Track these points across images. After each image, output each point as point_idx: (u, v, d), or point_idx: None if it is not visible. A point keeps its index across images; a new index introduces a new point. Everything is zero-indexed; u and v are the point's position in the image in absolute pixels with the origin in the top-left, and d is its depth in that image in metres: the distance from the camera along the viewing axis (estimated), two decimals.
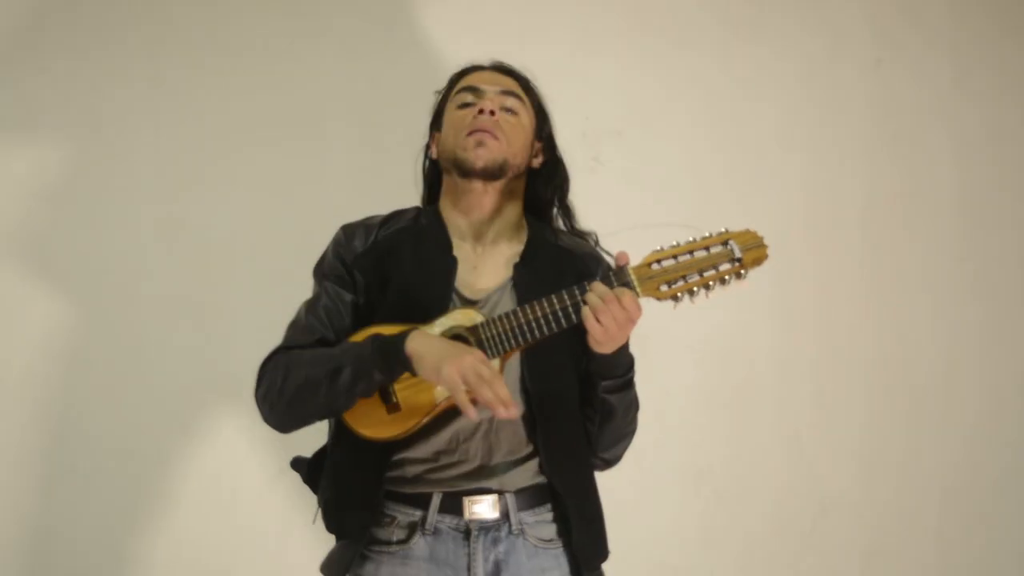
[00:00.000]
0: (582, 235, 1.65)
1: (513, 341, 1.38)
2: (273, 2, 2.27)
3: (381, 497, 1.47)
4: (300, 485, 2.25)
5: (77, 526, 2.20)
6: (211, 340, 2.24)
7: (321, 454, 1.58)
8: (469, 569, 1.44)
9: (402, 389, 1.41)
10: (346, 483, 1.49)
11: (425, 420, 1.42)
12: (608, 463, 1.60)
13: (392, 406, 1.41)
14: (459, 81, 1.60)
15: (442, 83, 1.63)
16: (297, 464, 1.60)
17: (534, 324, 1.38)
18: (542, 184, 1.62)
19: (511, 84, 1.57)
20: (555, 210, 1.65)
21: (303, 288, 1.57)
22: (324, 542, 2.30)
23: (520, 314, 1.38)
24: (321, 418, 1.49)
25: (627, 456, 1.58)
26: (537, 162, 1.60)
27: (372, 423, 1.42)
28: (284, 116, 2.26)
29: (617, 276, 1.37)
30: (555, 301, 1.38)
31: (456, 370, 1.31)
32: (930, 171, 2.56)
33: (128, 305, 2.22)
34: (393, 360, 1.36)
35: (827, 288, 2.51)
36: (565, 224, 1.65)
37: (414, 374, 1.37)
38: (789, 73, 2.49)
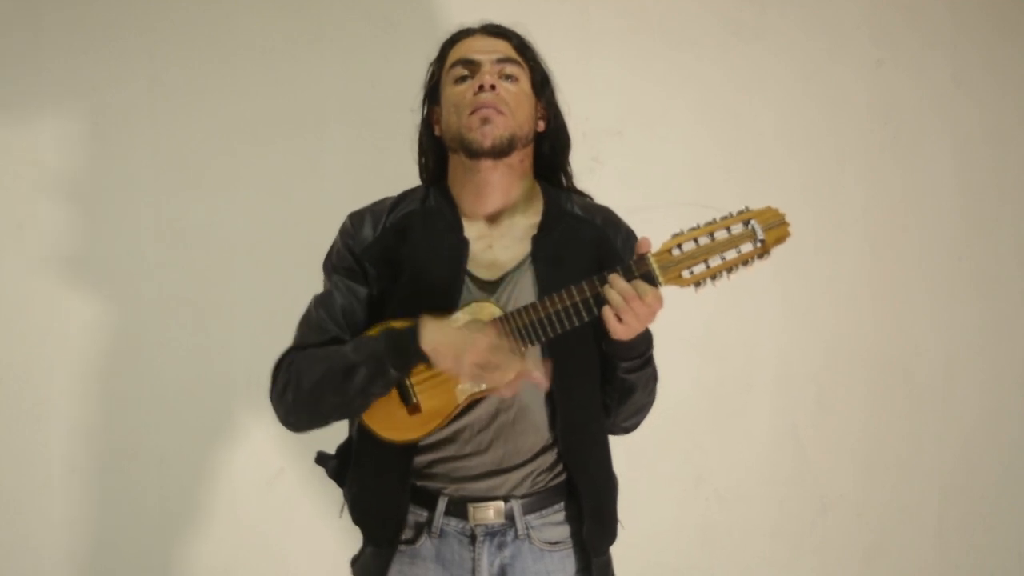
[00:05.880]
0: (585, 196, 1.59)
1: (533, 336, 1.34)
2: (273, 2, 2.27)
3: (407, 504, 1.45)
4: (300, 485, 2.26)
5: (75, 525, 2.20)
6: (211, 340, 2.24)
7: (346, 448, 1.55)
8: (474, 572, 1.44)
9: (422, 389, 1.38)
10: (373, 486, 1.47)
11: (446, 421, 1.40)
12: (627, 431, 1.57)
13: (412, 407, 1.39)
14: (450, 51, 1.53)
15: None
16: (322, 459, 1.57)
17: (554, 318, 1.33)
18: (549, 147, 1.55)
19: (506, 48, 1.51)
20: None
21: (303, 288, 1.56)
22: (324, 542, 2.30)
23: (539, 308, 1.34)
24: (338, 418, 1.45)
25: (627, 456, 1.58)
26: (542, 124, 1.54)
27: (393, 425, 1.39)
28: (284, 116, 2.26)
29: (637, 265, 1.32)
30: (575, 293, 1.33)
31: (477, 358, 1.29)
32: (930, 171, 2.56)
33: (128, 305, 2.22)
34: (408, 355, 1.34)
35: (827, 288, 2.51)
36: (565, 185, 1.58)
37: (431, 366, 1.35)
38: (789, 73, 2.49)
